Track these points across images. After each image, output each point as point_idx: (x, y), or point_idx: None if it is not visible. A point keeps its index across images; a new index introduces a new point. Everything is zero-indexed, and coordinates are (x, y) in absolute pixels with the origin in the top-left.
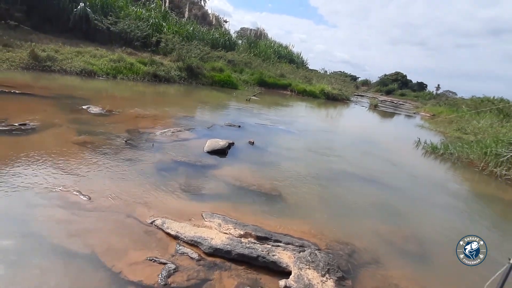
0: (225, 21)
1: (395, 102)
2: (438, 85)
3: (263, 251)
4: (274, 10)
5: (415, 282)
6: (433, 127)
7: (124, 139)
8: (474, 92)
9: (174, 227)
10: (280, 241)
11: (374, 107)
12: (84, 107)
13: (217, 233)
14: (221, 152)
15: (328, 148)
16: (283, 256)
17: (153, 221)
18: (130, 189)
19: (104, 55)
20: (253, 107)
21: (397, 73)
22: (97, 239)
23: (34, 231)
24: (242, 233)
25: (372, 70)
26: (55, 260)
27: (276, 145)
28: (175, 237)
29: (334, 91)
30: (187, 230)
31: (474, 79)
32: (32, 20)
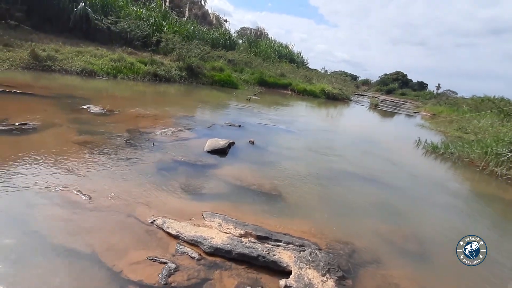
0: (225, 21)
1: (396, 102)
2: (439, 85)
3: (264, 251)
4: (274, 10)
5: (416, 282)
6: (434, 127)
7: (125, 139)
8: (475, 91)
9: (175, 227)
10: (281, 241)
11: (375, 107)
12: (85, 107)
13: (218, 233)
14: (222, 152)
15: (329, 148)
16: (284, 256)
17: (154, 221)
18: (131, 189)
19: (105, 55)
20: (254, 107)
21: (398, 73)
22: (98, 239)
23: (35, 231)
24: (243, 233)
25: (373, 70)
26: (56, 260)
27: (277, 145)
28: (176, 237)
29: (335, 91)
30: (188, 230)
31: (474, 78)
32: (32, 20)
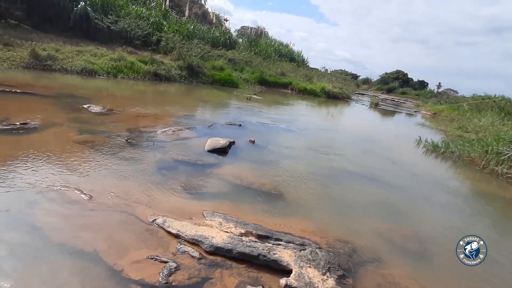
0: (226, 20)
1: (396, 101)
2: (439, 83)
3: (264, 250)
4: (275, 9)
5: (416, 281)
6: (434, 126)
7: (125, 138)
8: (475, 90)
9: (175, 226)
10: (281, 240)
11: (375, 106)
12: (85, 106)
13: (218, 232)
14: (222, 151)
15: (329, 147)
16: (284, 255)
17: (154, 220)
18: (131, 188)
19: (105, 54)
20: (254, 106)
21: (398, 72)
22: (99, 238)
23: (35, 230)
24: (243, 232)
25: (373, 69)
26: (57, 259)
27: (277, 144)
28: (176, 236)
29: (335, 90)
30: (188, 229)
31: (475, 77)
32: (33, 19)
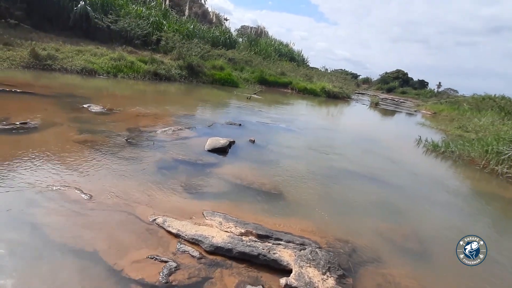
0: (226, 19)
1: (396, 100)
2: (439, 83)
3: (264, 249)
4: (275, 8)
5: (416, 281)
6: (434, 125)
7: (125, 138)
8: (475, 90)
9: (175, 226)
10: (281, 239)
11: (375, 105)
12: (85, 106)
13: (218, 232)
14: (222, 151)
15: (329, 146)
16: (284, 254)
17: (154, 220)
18: (131, 188)
19: (105, 54)
20: (254, 105)
21: (398, 71)
22: (99, 237)
23: (35, 230)
24: (243, 231)
25: (373, 68)
26: (57, 259)
27: (277, 144)
28: (176, 236)
29: (335, 89)
30: (188, 229)
31: (475, 77)
32: (32, 19)
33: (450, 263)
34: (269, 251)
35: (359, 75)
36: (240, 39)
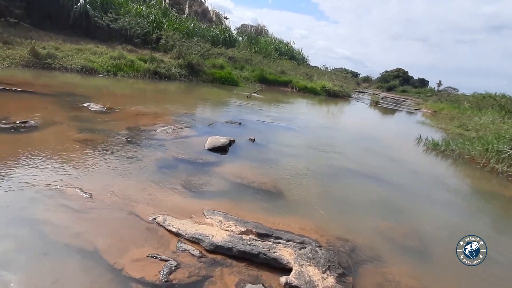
0: (226, 18)
1: (396, 99)
2: (440, 82)
3: (264, 248)
4: (275, 6)
5: (416, 279)
6: (435, 124)
7: (125, 137)
8: (475, 89)
9: (175, 224)
10: (281, 238)
11: (375, 104)
12: (85, 105)
13: (218, 230)
14: (222, 149)
15: (329, 145)
16: (284, 253)
17: (155, 218)
18: (131, 187)
19: (105, 53)
20: (254, 104)
21: (399, 70)
22: (99, 236)
23: (35, 229)
24: (243, 230)
25: (374, 67)
26: (57, 257)
27: (277, 142)
28: (176, 234)
29: (335, 88)
30: (188, 227)
31: (475, 75)
32: (32, 18)
33: (450, 262)
34: (269, 250)
35: (359, 74)
36: (240, 38)
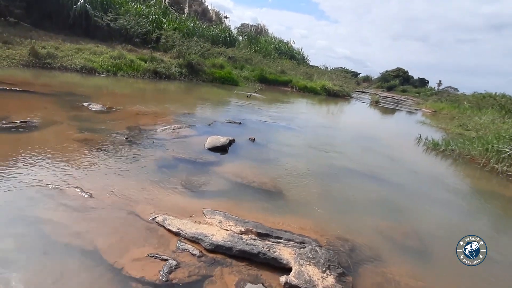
0: (226, 17)
1: (396, 99)
2: (440, 81)
3: (264, 248)
4: (275, 6)
5: (416, 279)
6: (435, 123)
7: (125, 136)
8: (475, 88)
9: (175, 224)
10: (281, 238)
11: (375, 104)
12: (85, 104)
13: (218, 230)
14: (222, 149)
15: (329, 145)
16: (284, 253)
17: (154, 218)
18: (131, 186)
19: (104, 52)
20: (254, 104)
21: (399, 69)
22: (99, 236)
23: (35, 228)
24: (243, 230)
25: (374, 66)
26: (57, 257)
27: (277, 142)
28: (176, 234)
29: (335, 88)
30: (188, 227)
31: (475, 75)
32: (32, 17)
33: (450, 262)
34: (269, 250)
35: (360, 73)
36: (240, 37)
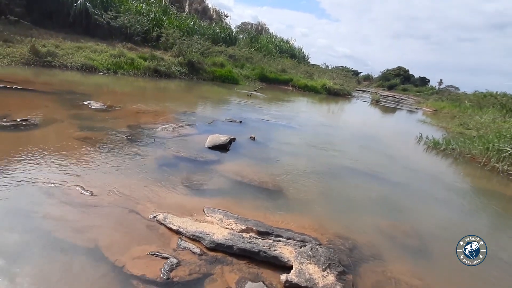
0: (226, 16)
1: (397, 97)
2: (441, 80)
3: (265, 246)
4: (275, 4)
5: (416, 277)
6: (435, 122)
7: (125, 135)
8: (476, 87)
9: (176, 222)
10: (282, 236)
11: (376, 102)
12: (85, 103)
13: (219, 228)
14: (223, 148)
15: (329, 143)
16: (284, 251)
17: (155, 216)
18: (132, 185)
19: (105, 50)
20: (254, 103)
21: (400, 68)
22: (100, 234)
23: (37, 226)
24: (244, 228)
25: (374, 65)
26: (58, 255)
27: (277, 141)
28: (177, 232)
29: (336, 86)
30: (189, 225)
31: (477, 74)
32: (32, 16)
33: (450, 262)
34: (270, 248)
35: (360, 72)
36: (241, 36)
